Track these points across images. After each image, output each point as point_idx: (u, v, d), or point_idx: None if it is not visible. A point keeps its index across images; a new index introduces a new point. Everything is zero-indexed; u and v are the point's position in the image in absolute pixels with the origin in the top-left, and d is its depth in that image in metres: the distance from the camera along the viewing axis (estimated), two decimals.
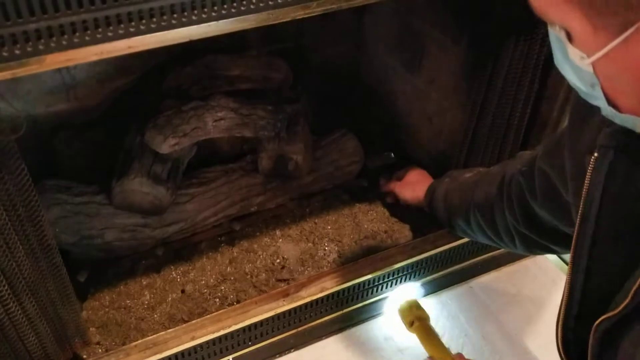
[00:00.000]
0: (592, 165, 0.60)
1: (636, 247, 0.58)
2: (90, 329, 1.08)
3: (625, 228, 0.60)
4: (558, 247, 0.88)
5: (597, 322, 0.60)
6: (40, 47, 0.58)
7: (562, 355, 0.70)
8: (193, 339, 1.00)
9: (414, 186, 1.21)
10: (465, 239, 1.18)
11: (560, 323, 0.68)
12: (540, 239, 0.88)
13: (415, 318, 1.14)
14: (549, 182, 0.78)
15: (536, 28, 1.00)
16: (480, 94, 1.11)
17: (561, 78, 1.01)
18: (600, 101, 0.52)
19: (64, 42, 0.59)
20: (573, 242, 0.64)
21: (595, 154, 0.60)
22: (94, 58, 0.62)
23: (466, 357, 0.96)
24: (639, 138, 0.55)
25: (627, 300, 0.56)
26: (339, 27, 1.45)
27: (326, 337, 1.18)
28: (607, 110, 0.53)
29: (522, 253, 1.06)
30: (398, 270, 1.15)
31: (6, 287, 0.81)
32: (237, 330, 1.03)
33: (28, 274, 0.83)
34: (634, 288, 0.55)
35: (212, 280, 1.21)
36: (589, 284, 0.65)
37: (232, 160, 1.26)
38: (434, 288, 1.25)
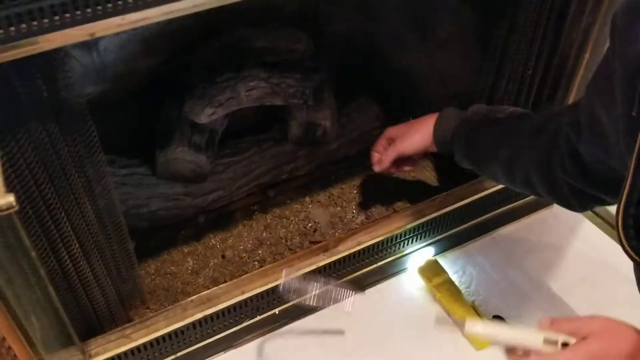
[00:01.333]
0: None
1: None
2: (134, 299, 1.14)
3: None
4: (610, 196, 0.87)
5: None
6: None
7: (623, 238, 0.71)
8: (243, 293, 1.06)
9: (407, 138, 1.13)
10: (488, 192, 1.25)
11: (620, 212, 0.69)
12: (593, 190, 0.87)
13: (437, 283, 1.23)
14: (593, 113, 0.77)
15: None
16: (494, 55, 1.17)
17: (573, 31, 1.07)
18: None
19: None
20: (634, 153, 0.65)
21: None
22: (116, 30, 0.66)
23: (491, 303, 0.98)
24: None
25: None
26: None
27: (361, 290, 1.24)
28: None
29: (574, 210, 0.99)
30: (427, 223, 1.21)
31: (77, 245, 0.87)
32: None
33: (95, 233, 0.89)
34: None
35: (249, 245, 1.28)
36: None
37: (261, 132, 1.33)
38: (459, 241, 1.32)
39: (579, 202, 0.91)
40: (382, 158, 1.16)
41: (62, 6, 0.61)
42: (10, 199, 0.49)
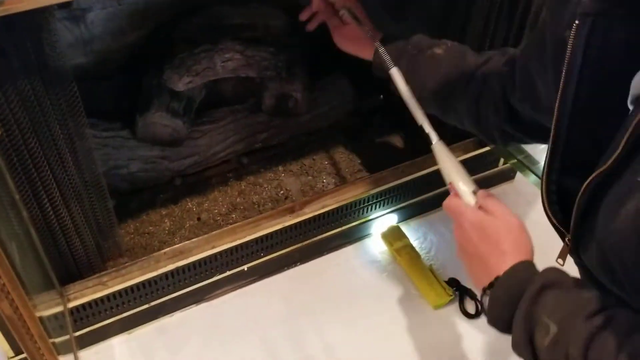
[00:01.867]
0: (574, 32, 0.65)
1: (615, 105, 0.64)
2: (113, 251, 1.22)
3: (605, 88, 0.66)
4: (534, 139, 0.94)
5: (589, 178, 0.64)
6: None
7: (547, 211, 0.76)
8: (213, 247, 1.14)
9: (359, 42, 1.10)
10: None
11: (544, 178, 0.74)
12: (518, 133, 0.93)
13: (397, 247, 1.32)
14: (529, 77, 0.81)
15: None
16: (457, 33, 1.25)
17: None
18: None
19: None
20: (556, 108, 0.69)
21: (577, 22, 0.64)
22: None
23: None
24: (617, 2, 0.61)
25: (617, 152, 0.59)
26: None
27: (327, 253, 1.33)
28: None
29: (495, 144, 1.10)
30: (389, 190, 1.30)
31: (57, 193, 0.95)
32: (251, 241, 1.18)
33: (75, 182, 0.97)
34: (624, 139, 0.60)
35: (224, 209, 1.36)
36: (570, 144, 0.70)
37: (237, 103, 1.41)
38: (422, 209, 1.41)
39: (502, 138, 0.96)
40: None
41: None
42: None
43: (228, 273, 1.21)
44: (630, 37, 0.64)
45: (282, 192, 1.41)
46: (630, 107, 0.61)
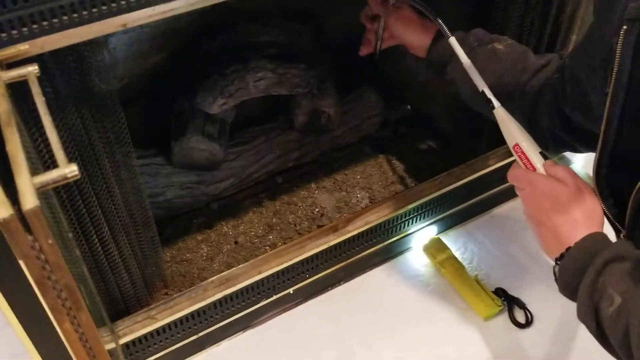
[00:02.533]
0: (622, 39, 0.66)
1: None
2: (157, 282, 1.20)
3: None
4: (587, 148, 0.92)
5: (639, 184, 0.65)
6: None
7: (602, 205, 0.77)
8: (260, 272, 1.12)
9: (415, 25, 1.09)
10: (486, 171, 1.31)
11: (594, 176, 0.75)
12: (571, 141, 0.92)
13: (441, 260, 1.30)
14: (579, 86, 0.81)
15: None
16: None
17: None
18: None
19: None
20: (605, 113, 0.70)
21: (625, 27, 0.65)
22: (147, 20, 0.71)
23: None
24: None
25: None
26: None
27: (370, 270, 1.31)
28: None
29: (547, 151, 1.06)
30: (429, 202, 1.27)
31: (107, 229, 0.92)
32: (296, 264, 1.15)
33: (123, 216, 0.94)
34: None
35: (260, 231, 1.33)
36: (619, 147, 0.71)
37: (267, 121, 1.39)
38: (460, 219, 1.39)
39: (555, 145, 0.95)
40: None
41: None
42: (74, 167, 0.53)
43: (274, 297, 1.18)
44: None
45: (317, 209, 1.38)
46: None
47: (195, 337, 1.13)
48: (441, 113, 1.48)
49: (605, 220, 0.80)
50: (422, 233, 1.34)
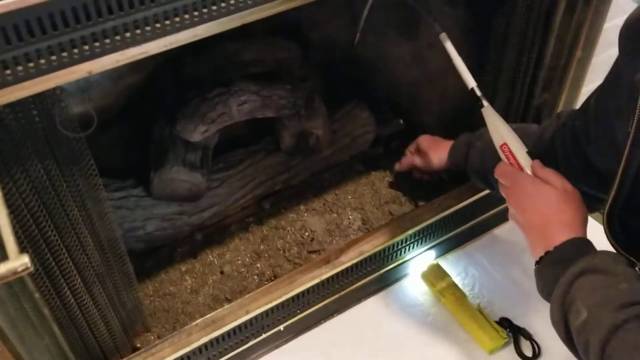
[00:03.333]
0: None
1: None
2: (137, 327, 1.12)
3: None
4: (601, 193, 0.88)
5: None
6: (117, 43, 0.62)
7: (612, 241, 0.75)
8: (247, 312, 1.04)
9: (433, 152, 1.21)
10: (486, 192, 1.24)
11: (605, 215, 0.74)
12: (590, 188, 0.88)
13: (441, 288, 1.23)
14: (607, 125, 0.78)
15: None
16: (485, 52, 1.16)
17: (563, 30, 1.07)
18: None
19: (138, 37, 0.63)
20: (625, 152, 0.68)
21: None
22: (114, 65, 0.64)
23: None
24: None
25: None
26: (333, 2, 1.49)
27: (364, 299, 1.24)
28: None
29: None
30: (427, 227, 1.20)
31: (78, 280, 0.85)
32: (287, 300, 1.08)
33: (97, 266, 0.87)
34: None
35: (247, 259, 1.26)
36: (637, 185, 0.70)
37: (252, 143, 1.31)
38: (459, 242, 1.32)
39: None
40: (406, 163, 1.28)
41: (59, 46, 0.58)
42: (25, 259, 0.46)
43: (264, 336, 1.11)
44: None
45: (307, 233, 1.31)
46: None
47: None
48: (435, 126, 1.40)
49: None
50: (420, 258, 1.27)
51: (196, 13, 0.66)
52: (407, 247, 1.21)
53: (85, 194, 0.80)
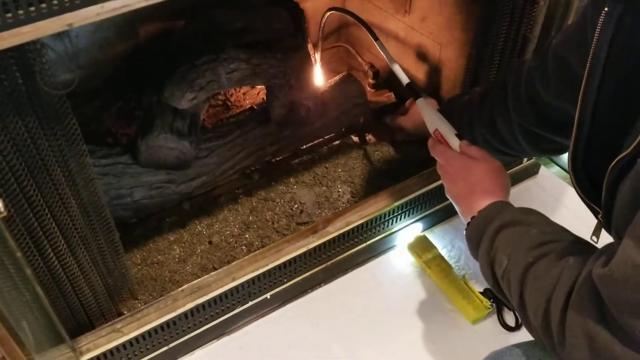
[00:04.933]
0: (602, 19, 0.65)
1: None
2: (124, 293, 1.12)
3: (630, 77, 0.66)
4: (562, 138, 0.92)
5: (614, 162, 0.64)
6: None
7: (577, 189, 0.78)
8: (234, 279, 1.05)
9: (412, 112, 1.27)
10: None
11: (570, 159, 0.77)
12: (550, 134, 0.92)
13: (426, 259, 1.24)
14: (567, 68, 0.81)
15: None
16: (476, 27, 1.16)
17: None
18: None
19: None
20: (580, 93, 0.71)
21: (606, 9, 0.65)
22: (95, 19, 0.63)
23: None
24: None
25: (635, 142, 0.61)
26: None
27: (352, 270, 1.24)
28: None
29: (531, 155, 1.15)
30: (414, 199, 1.21)
31: (62, 242, 0.85)
32: (273, 269, 1.09)
33: (81, 228, 0.87)
34: None
35: (236, 230, 1.26)
36: (595, 126, 0.72)
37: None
38: (447, 215, 1.32)
39: (530, 145, 0.98)
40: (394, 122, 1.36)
41: None
42: None
43: (250, 303, 1.11)
44: None
45: (296, 205, 1.31)
46: None
47: (165, 348, 1.06)
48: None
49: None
50: (407, 230, 1.27)
51: None
52: (395, 219, 1.21)
53: (69, 156, 0.80)
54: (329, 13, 1.39)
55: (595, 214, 0.77)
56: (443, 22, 1.29)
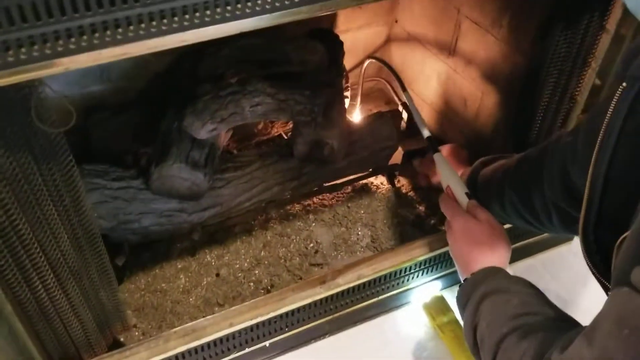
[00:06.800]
0: (619, 95, 0.65)
1: None
2: (127, 311, 1.09)
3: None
4: None
5: (622, 236, 0.62)
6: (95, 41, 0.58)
7: (588, 261, 0.76)
8: (231, 325, 1.00)
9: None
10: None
11: (581, 231, 0.75)
12: (573, 211, 0.87)
13: (441, 323, 1.17)
14: (594, 142, 0.77)
15: (581, 15, 0.98)
16: (521, 79, 1.09)
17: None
18: None
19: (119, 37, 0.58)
20: (590, 168, 0.70)
21: (624, 84, 0.64)
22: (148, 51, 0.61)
23: None
24: None
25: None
26: (372, 7, 1.43)
27: (360, 323, 1.18)
28: None
29: (561, 233, 1.08)
30: (436, 257, 1.14)
31: (51, 276, 0.81)
32: (274, 317, 1.03)
33: (72, 262, 0.83)
34: None
35: (246, 264, 1.21)
36: (604, 203, 0.71)
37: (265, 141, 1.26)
38: None
39: (559, 221, 0.93)
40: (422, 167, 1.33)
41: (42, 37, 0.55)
42: None
43: (247, 350, 1.06)
44: None
45: (311, 244, 1.25)
46: None
47: None
48: (464, 146, 1.33)
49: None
50: (424, 288, 1.20)
51: (187, 16, 0.61)
52: (411, 276, 1.15)
53: (63, 188, 0.76)
54: (368, 61, 1.43)
55: (605, 289, 0.76)
56: (487, 69, 1.22)
